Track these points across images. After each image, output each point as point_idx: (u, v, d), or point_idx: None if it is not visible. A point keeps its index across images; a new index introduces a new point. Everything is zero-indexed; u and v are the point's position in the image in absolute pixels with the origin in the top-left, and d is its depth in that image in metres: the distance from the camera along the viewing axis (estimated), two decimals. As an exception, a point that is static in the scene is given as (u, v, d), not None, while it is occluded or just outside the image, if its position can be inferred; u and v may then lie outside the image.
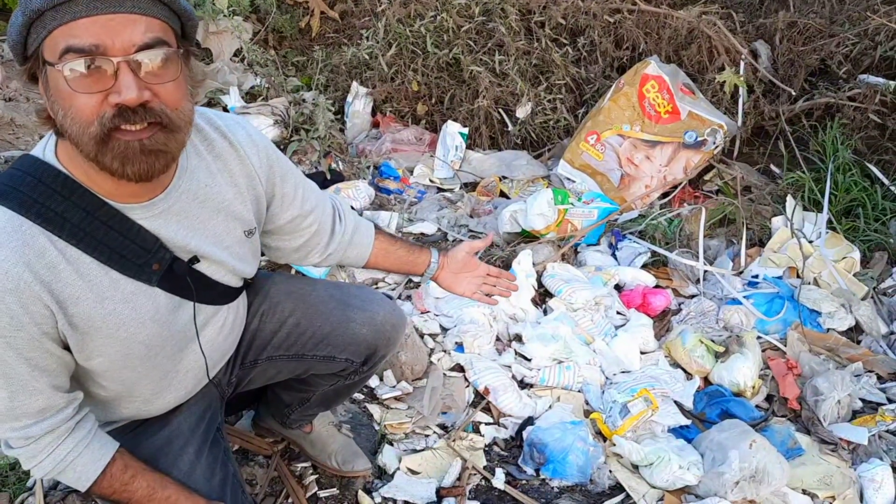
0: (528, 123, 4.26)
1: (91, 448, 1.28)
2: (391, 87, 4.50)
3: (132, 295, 1.22)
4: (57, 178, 1.13)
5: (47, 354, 1.17)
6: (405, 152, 4.32)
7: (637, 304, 2.94)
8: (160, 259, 1.23)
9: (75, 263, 1.14)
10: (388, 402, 2.40)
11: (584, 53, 4.30)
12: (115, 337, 1.22)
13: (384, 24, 4.44)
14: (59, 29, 0.99)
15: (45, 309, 1.12)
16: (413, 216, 3.71)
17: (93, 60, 0.99)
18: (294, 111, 4.00)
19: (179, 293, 1.28)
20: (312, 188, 1.56)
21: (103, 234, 1.16)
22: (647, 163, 3.73)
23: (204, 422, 1.51)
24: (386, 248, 1.73)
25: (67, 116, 1.03)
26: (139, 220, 1.19)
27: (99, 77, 1.01)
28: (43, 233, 1.11)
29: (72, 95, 1.01)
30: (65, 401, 1.23)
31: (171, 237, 1.24)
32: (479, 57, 4.26)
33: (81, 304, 1.16)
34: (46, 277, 1.11)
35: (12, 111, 3.23)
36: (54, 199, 1.12)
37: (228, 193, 1.33)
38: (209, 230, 1.31)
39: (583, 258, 3.26)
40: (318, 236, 1.59)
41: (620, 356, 2.63)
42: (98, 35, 0.99)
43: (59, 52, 0.99)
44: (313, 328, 1.61)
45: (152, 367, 1.33)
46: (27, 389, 1.17)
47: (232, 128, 1.35)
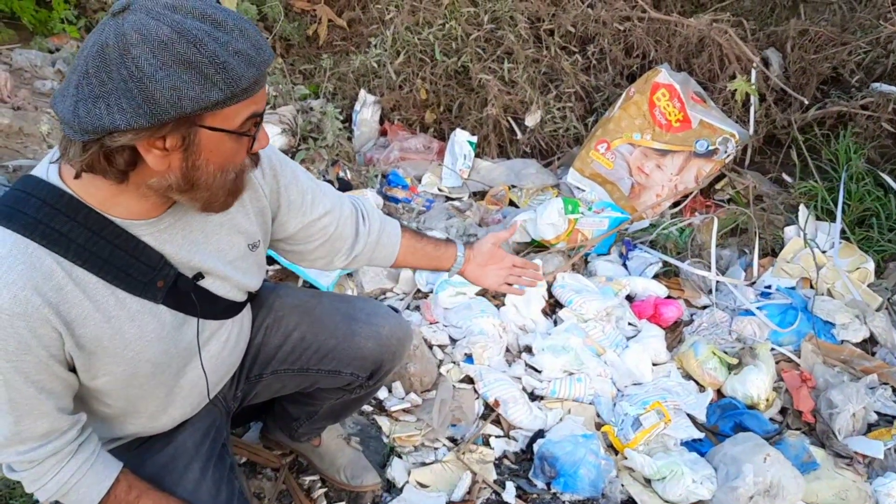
0: (537, 132, 4.24)
1: (95, 469, 1.27)
2: (399, 95, 4.48)
3: (138, 313, 1.21)
4: (61, 199, 1.12)
5: (54, 377, 1.16)
6: (413, 161, 4.30)
7: (648, 314, 2.91)
8: (165, 276, 1.22)
9: (82, 284, 1.13)
10: (397, 415, 2.37)
11: (594, 61, 4.28)
12: (122, 356, 1.21)
13: (392, 31, 4.43)
14: (245, 101, 1.06)
15: (53, 331, 1.11)
16: (421, 225, 3.69)
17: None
18: (302, 119, 3.98)
19: (184, 309, 1.27)
20: (326, 191, 1.54)
21: (109, 254, 1.14)
22: (658, 172, 3.70)
23: (209, 438, 1.49)
24: (413, 244, 1.70)
25: (221, 171, 1.12)
26: (143, 238, 1.18)
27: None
28: (49, 254, 1.10)
29: (235, 154, 1.12)
30: (69, 423, 1.22)
31: (176, 254, 1.23)
32: (487, 65, 4.24)
33: (89, 324, 1.15)
34: (54, 299, 1.10)
35: (21, 120, 3.22)
36: (59, 220, 1.11)
37: (233, 209, 1.31)
38: (213, 245, 1.30)
39: (593, 268, 3.23)
40: (338, 240, 1.57)
41: (632, 368, 2.60)
42: (264, 99, 1.12)
43: (243, 120, 1.08)
44: (318, 342, 1.60)
45: (157, 384, 1.32)
46: (33, 413, 1.16)
47: None
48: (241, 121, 1.07)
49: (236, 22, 1.02)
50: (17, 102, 3.33)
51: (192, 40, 0.97)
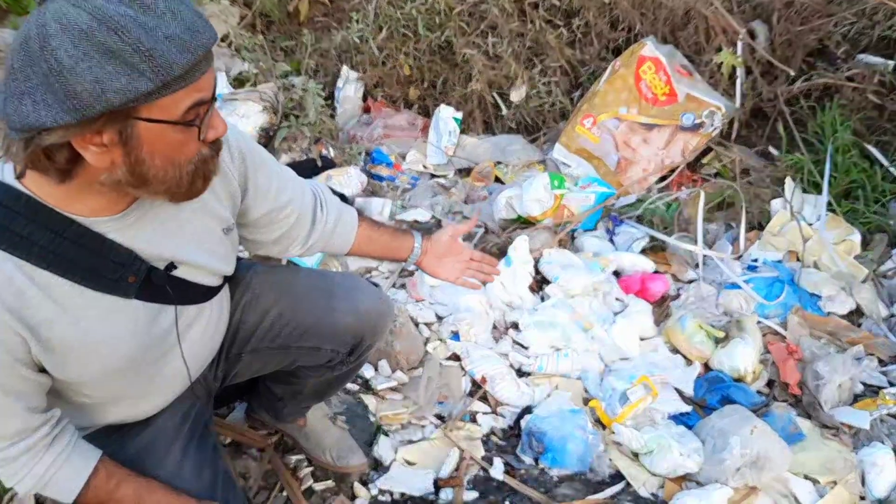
0: (522, 107, 4.20)
1: (71, 461, 1.24)
2: (382, 71, 4.42)
3: (108, 312, 1.17)
4: (19, 200, 1.07)
5: (21, 379, 1.13)
6: (397, 138, 4.25)
7: (635, 289, 2.90)
8: (135, 271, 1.18)
9: (46, 287, 1.10)
10: (384, 393, 2.36)
11: (579, 35, 4.22)
12: (96, 354, 1.18)
13: (374, 6, 4.36)
14: (184, 89, 0.98)
15: (16, 336, 1.08)
16: (406, 203, 3.66)
17: (209, 108, 1.05)
18: (283, 97, 3.92)
19: (159, 300, 1.24)
20: (290, 177, 1.51)
21: (73, 254, 1.10)
22: (645, 146, 3.68)
23: (189, 419, 1.46)
24: (369, 234, 1.69)
25: (170, 163, 1.05)
26: (109, 234, 1.14)
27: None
28: (9, 258, 1.06)
29: (185, 144, 1.05)
30: (41, 420, 1.20)
31: (145, 247, 1.19)
32: (471, 39, 4.19)
33: (55, 327, 1.11)
34: (15, 304, 1.06)
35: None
36: (18, 223, 1.06)
37: (206, 195, 1.27)
38: (187, 233, 1.26)
39: (580, 244, 3.21)
40: (297, 228, 1.54)
41: (619, 343, 2.59)
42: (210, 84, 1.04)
43: (185, 109, 1.00)
44: (297, 319, 1.57)
45: (136, 375, 1.29)
46: (2, 414, 1.14)
47: None
48: (183, 110, 1.00)
49: (168, 3, 0.94)
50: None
51: (114, 27, 0.89)
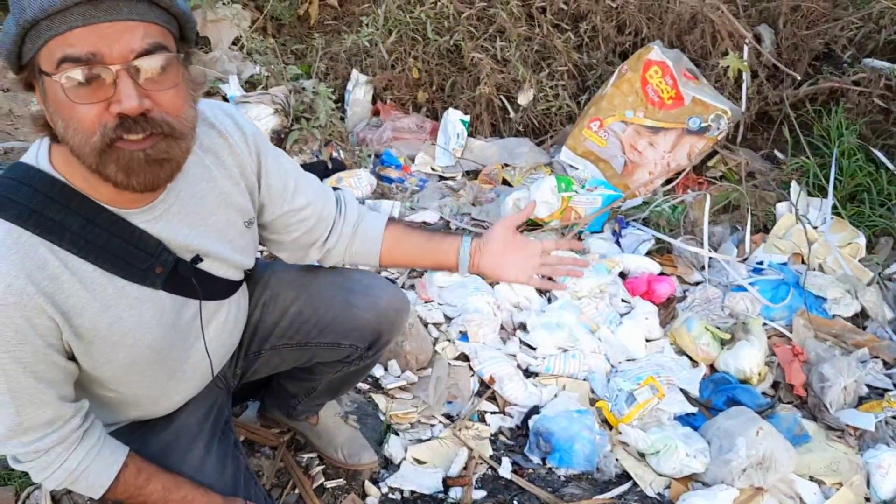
0: (529, 110, 4.23)
1: (101, 456, 1.26)
2: (391, 74, 4.46)
3: (136, 300, 1.20)
4: (53, 186, 1.10)
5: (53, 366, 1.15)
6: (406, 140, 4.29)
7: (642, 291, 2.93)
8: (163, 262, 1.21)
9: (78, 273, 1.12)
10: (394, 392, 2.39)
11: (587, 39, 4.27)
12: (122, 344, 1.20)
13: (384, 10, 4.41)
14: (54, 39, 0.96)
15: (49, 321, 1.10)
16: (415, 205, 3.69)
17: (91, 70, 0.96)
18: (294, 100, 3.97)
19: (183, 293, 1.27)
20: (309, 181, 1.50)
21: (105, 241, 1.13)
22: (651, 149, 3.71)
23: (211, 416, 1.50)
24: (398, 236, 1.55)
25: (69, 128, 1.00)
26: (140, 224, 1.17)
27: (98, 86, 0.98)
28: (43, 243, 1.09)
29: (71, 106, 0.98)
30: (72, 411, 1.21)
31: (173, 238, 1.22)
32: (480, 43, 4.22)
33: (86, 313, 1.14)
34: (49, 289, 1.09)
35: (10, 101, 3.20)
36: (52, 208, 1.09)
37: (226, 186, 1.31)
38: (211, 226, 1.28)
39: (587, 245, 3.24)
40: (315, 231, 1.52)
41: (626, 344, 2.62)
42: (95, 43, 0.96)
43: (56, 63, 0.96)
44: (316, 316, 1.59)
45: (160, 369, 1.31)
46: (34, 403, 1.15)
47: (220, 117, 1.32)
48: (54, 63, 0.97)
49: None
50: (7, 84, 3.30)
51: None
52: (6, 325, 1.06)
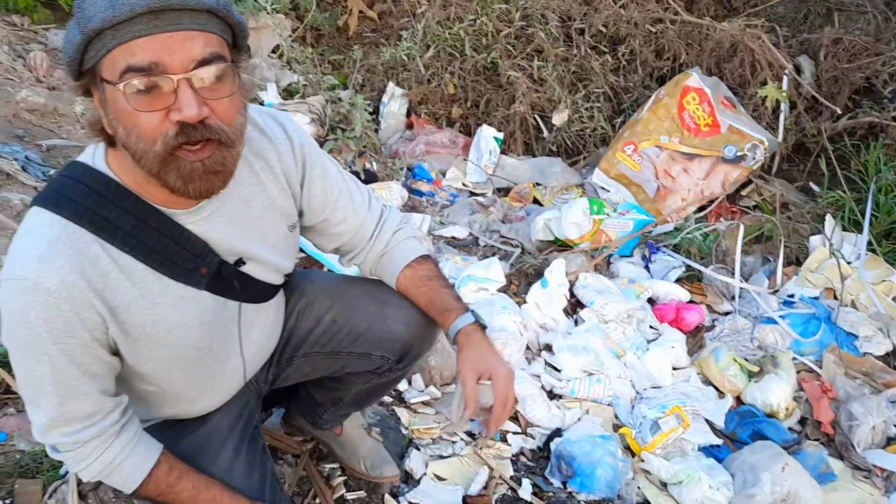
0: (563, 130, 4.24)
1: (137, 451, 1.28)
2: (427, 88, 4.50)
3: (181, 300, 1.22)
4: (108, 186, 1.13)
5: (97, 360, 1.17)
6: (438, 155, 4.32)
7: (670, 318, 2.91)
8: (208, 263, 1.23)
9: (127, 270, 1.15)
10: (416, 407, 2.39)
11: (624, 62, 4.27)
12: (165, 342, 1.22)
13: (423, 25, 4.45)
14: (118, 48, 0.99)
15: (97, 316, 1.13)
16: (445, 219, 3.70)
17: (152, 79, 0.99)
18: (330, 110, 4.01)
19: (225, 294, 1.29)
20: (355, 197, 1.50)
21: (154, 241, 1.16)
22: (685, 175, 3.69)
23: (242, 420, 1.51)
24: (412, 280, 1.53)
25: (131, 135, 1.03)
26: (188, 226, 1.20)
27: (159, 95, 1.01)
28: (96, 240, 1.12)
29: (134, 114, 1.01)
30: (112, 405, 1.24)
31: (219, 240, 1.24)
32: (517, 62, 4.25)
33: (132, 310, 1.16)
34: (99, 285, 1.12)
35: (56, 100, 3.27)
36: (106, 207, 1.12)
37: (273, 190, 1.33)
38: (257, 229, 1.31)
39: (615, 269, 3.23)
40: (348, 245, 1.54)
41: (652, 371, 2.60)
42: (157, 53, 0.98)
43: (119, 72, 0.99)
44: (350, 325, 1.60)
45: (199, 368, 1.33)
46: (77, 394, 1.17)
47: (269, 124, 1.35)
48: (117, 72, 0.99)
49: None
50: (53, 82, 3.38)
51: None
52: (56, 318, 1.09)
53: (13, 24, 4.00)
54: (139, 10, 0.96)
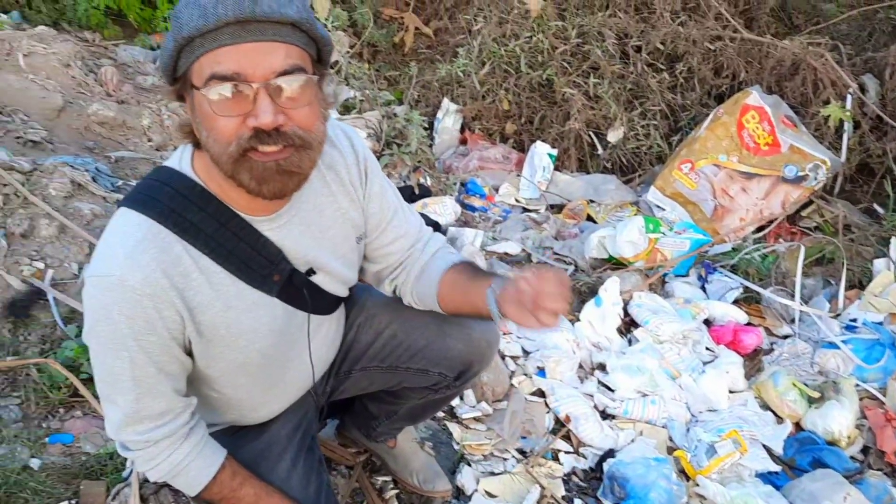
0: (619, 148, 4.21)
1: (203, 454, 1.32)
2: (482, 104, 4.52)
3: (254, 305, 1.26)
4: (193, 190, 1.18)
5: (173, 359, 1.21)
6: (492, 170, 4.33)
7: (727, 340, 2.86)
8: (281, 270, 1.27)
9: (206, 272, 1.19)
10: (468, 422, 2.39)
11: (682, 80, 4.22)
12: (235, 345, 1.26)
13: (479, 42, 4.47)
14: (205, 56, 1.04)
15: (176, 315, 1.17)
16: (497, 235, 3.71)
17: (234, 86, 1.04)
18: (386, 125, 4.06)
19: (294, 303, 1.32)
20: (408, 218, 1.51)
21: (233, 245, 1.20)
22: (743, 195, 3.63)
23: (300, 430, 1.54)
24: (452, 279, 1.45)
25: (210, 137, 1.09)
26: (265, 232, 1.24)
27: (239, 101, 1.05)
28: (179, 241, 1.16)
29: (214, 118, 1.06)
30: (183, 405, 1.28)
31: (292, 248, 1.28)
32: (572, 79, 4.24)
33: (209, 311, 1.20)
34: (180, 284, 1.16)
35: (124, 114, 3.38)
36: (190, 210, 1.17)
37: (343, 202, 1.36)
38: (328, 240, 1.34)
39: (671, 289, 3.18)
40: (392, 266, 1.54)
41: (708, 394, 2.55)
42: (240, 62, 1.03)
43: (205, 78, 1.04)
44: (409, 341, 1.61)
45: (265, 375, 1.37)
46: (152, 392, 1.21)
47: (339, 136, 1.38)
48: (203, 78, 1.05)
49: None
50: (122, 96, 3.50)
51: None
52: (138, 314, 1.13)
53: (85, 39, 4.17)
54: (226, 20, 1.01)
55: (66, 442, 2.02)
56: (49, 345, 2.26)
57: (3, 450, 1.94)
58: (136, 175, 3.12)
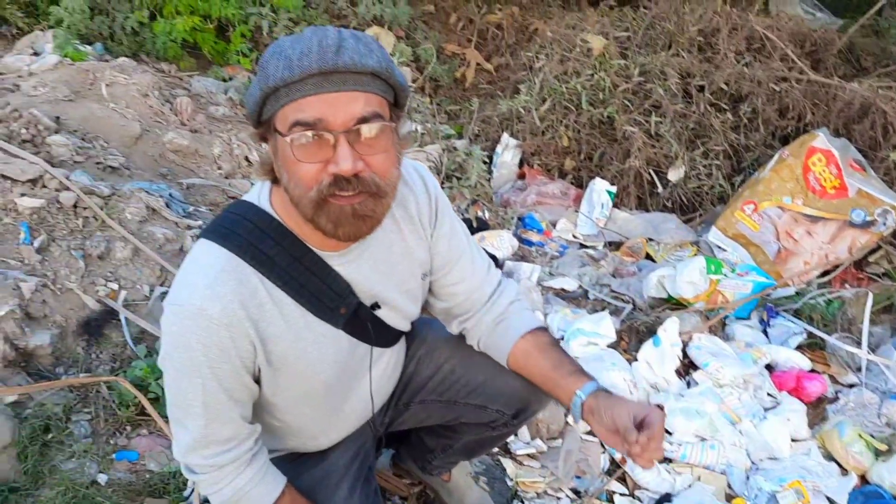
0: (679, 187, 4.18)
1: (265, 480, 1.35)
2: (541, 140, 4.54)
3: (321, 336, 1.30)
4: (270, 224, 1.24)
5: (243, 387, 1.26)
6: (549, 205, 4.33)
7: (790, 387, 2.78)
8: (348, 304, 1.31)
9: (279, 304, 1.24)
10: (522, 459, 2.38)
11: (745, 120, 4.19)
12: (302, 375, 1.30)
13: (540, 79, 4.52)
14: (289, 104, 1.09)
15: (249, 344, 1.22)
16: (554, 270, 3.70)
17: (316, 133, 1.09)
18: (446, 158, 4.12)
19: (358, 336, 1.35)
20: (475, 260, 1.53)
21: (305, 279, 1.25)
22: (808, 238, 3.56)
23: (358, 459, 1.56)
24: (529, 351, 1.49)
25: (291, 181, 1.14)
26: (335, 267, 1.28)
27: (320, 148, 1.10)
28: (255, 273, 1.21)
29: (296, 163, 1.11)
30: (248, 432, 1.32)
31: (361, 283, 1.32)
32: (633, 117, 4.24)
33: (280, 342, 1.25)
34: (255, 315, 1.21)
35: (197, 143, 3.51)
36: (267, 244, 1.22)
37: (411, 239, 1.40)
38: (395, 275, 1.38)
39: (731, 332, 3.12)
40: (459, 308, 1.55)
41: (769, 441, 2.49)
42: (322, 111, 1.08)
43: (289, 125, 1.10)
44: (468, 376, 1.63)
45: (326, 405, 1.40)
46: (221, 418, 1.26)
47: (412, 175, 1.41)
48: (287, 125, 1.10)
49: (318, 33, 1.09)
50: (195, 126, 3.63)
51: (273, 46, 1.13)
52: (213, 343, 1.18)
53: (162, 70, 4.35)
54: (310, 72, 1.06)
55: (131, 459, 2.08)
56: (119, 363, 2.34)
57: (74, 464, 2.01)
58: (206, 201, 3.23)
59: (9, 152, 2.72)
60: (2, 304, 2.21)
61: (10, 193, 2.55)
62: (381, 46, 1.14)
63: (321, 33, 1.09)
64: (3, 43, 4.43)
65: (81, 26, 4.27)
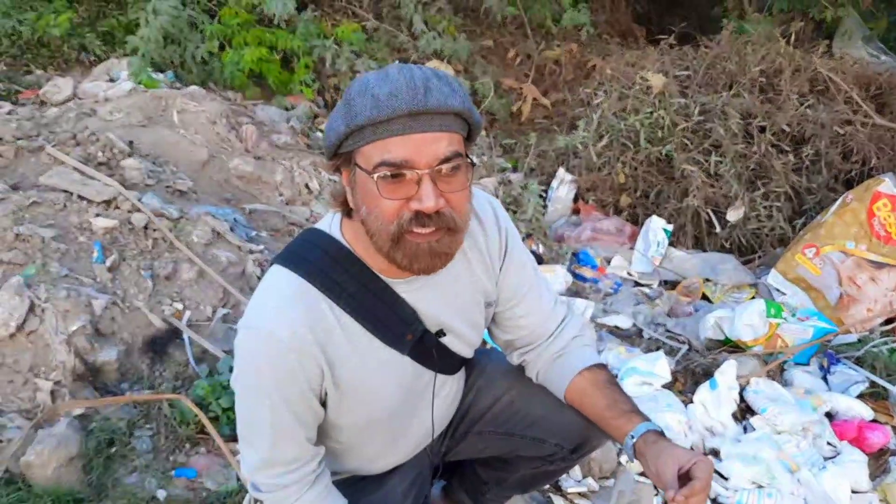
0: (738, 228, 4.12)
1: (326, 502, 1.37)
2: (597, 176, 4.54)
3: (387, 362, 1.33)
4: (340, 252, 1.28)
5: (309, 409, 1.29)
6: (604, 242, 4.32)
7: (851, 436, 2.70)
8: (414, 330, 1.34)
9: (347, 329, 1.27)
10: (573, 497, 2.36)
11: (808, 163, 4.12)
12: (366, 399, 1.33)
13: (598, 116, 4.53)
14: (375, 143, 1.13)
15: (317, 368, 1.25)
16: (608, 307, 3.68)
17: (402, 172, 1.12)
18: (502, 192, 4.15)
19: (423, 362, 1.38)
20: (542, 295, 1.54)
21: (372, 305, 1.28)
22: (872, 285, 3.47)
23: (416, 487, 1.57)
24: (585, 388, 1.50)
25: (371, 214, 1.17)
26: (402, 294, 1.31)
27: (403, 185, 1.14)
28: (324, 299, 1.25)
29: (379, 199, 1.14)
30: (312, 454, 1.34)
31: (426, 310, 1.35)
32: (692, 156, 4.21)
33: (346, 366, 1.28)
34: (323, 339, 1.24)
35: (261, 170, 3.62)
36: (336, 270, 1.26)
37: (478, 269, 1.42)
38: (460, 304, 1.40)
39: (790, 377, 3.05)
40: (523, 340, 1.57)
41: (829, 491, 2.42)
42: (409, 151, 1.12)
43: (374, 164, 1.13)
44: (527, 409, 1.63)
45: (387, 429, 1.43)
46: (287, 439, 1.29)
47: (483, 206, 1.44)
48: (373, 164, 1.13)
49: (405, 72, 1.11)
50: (258, 153, 3.74)
51: (358, 84, 1.14)
52: (282, 366, 1.22)
53: (228, 98, 4.50)
54: (399, 112, 1.10)
55: (189, 476, 2.13)
56: (181, 382, 2.41)
57: (135, 478, 2.07)
58: (268, 226, 3.31)
59: (86, 174, 2.84)
60: (74, 319, 2.30)
61: (86, 213, 2.67)
62: (461, 85, 1.17)
63: (407, 73, 1.12)
64: (82, 69, 4.64)
65: (155, 55, 4.44)
